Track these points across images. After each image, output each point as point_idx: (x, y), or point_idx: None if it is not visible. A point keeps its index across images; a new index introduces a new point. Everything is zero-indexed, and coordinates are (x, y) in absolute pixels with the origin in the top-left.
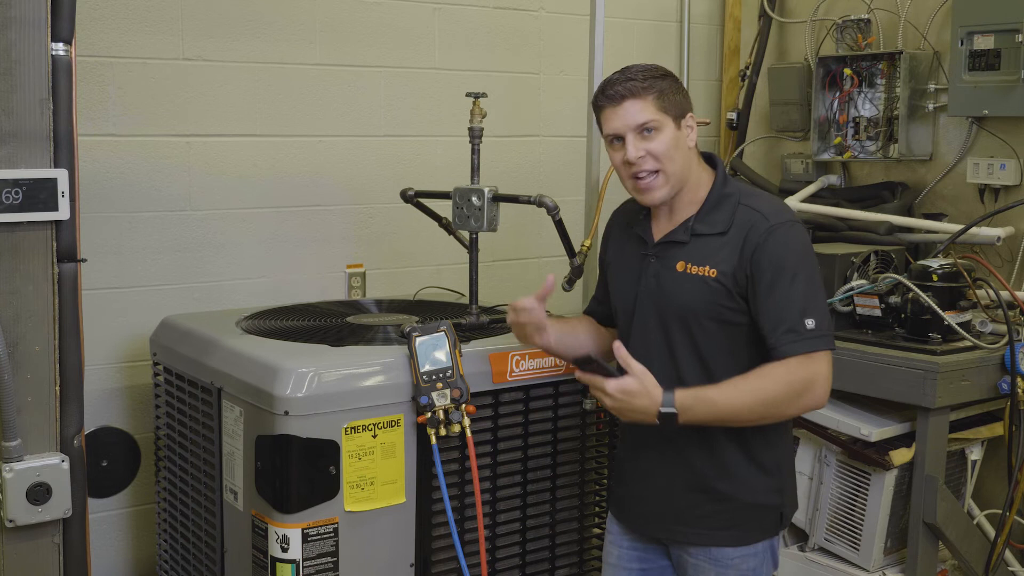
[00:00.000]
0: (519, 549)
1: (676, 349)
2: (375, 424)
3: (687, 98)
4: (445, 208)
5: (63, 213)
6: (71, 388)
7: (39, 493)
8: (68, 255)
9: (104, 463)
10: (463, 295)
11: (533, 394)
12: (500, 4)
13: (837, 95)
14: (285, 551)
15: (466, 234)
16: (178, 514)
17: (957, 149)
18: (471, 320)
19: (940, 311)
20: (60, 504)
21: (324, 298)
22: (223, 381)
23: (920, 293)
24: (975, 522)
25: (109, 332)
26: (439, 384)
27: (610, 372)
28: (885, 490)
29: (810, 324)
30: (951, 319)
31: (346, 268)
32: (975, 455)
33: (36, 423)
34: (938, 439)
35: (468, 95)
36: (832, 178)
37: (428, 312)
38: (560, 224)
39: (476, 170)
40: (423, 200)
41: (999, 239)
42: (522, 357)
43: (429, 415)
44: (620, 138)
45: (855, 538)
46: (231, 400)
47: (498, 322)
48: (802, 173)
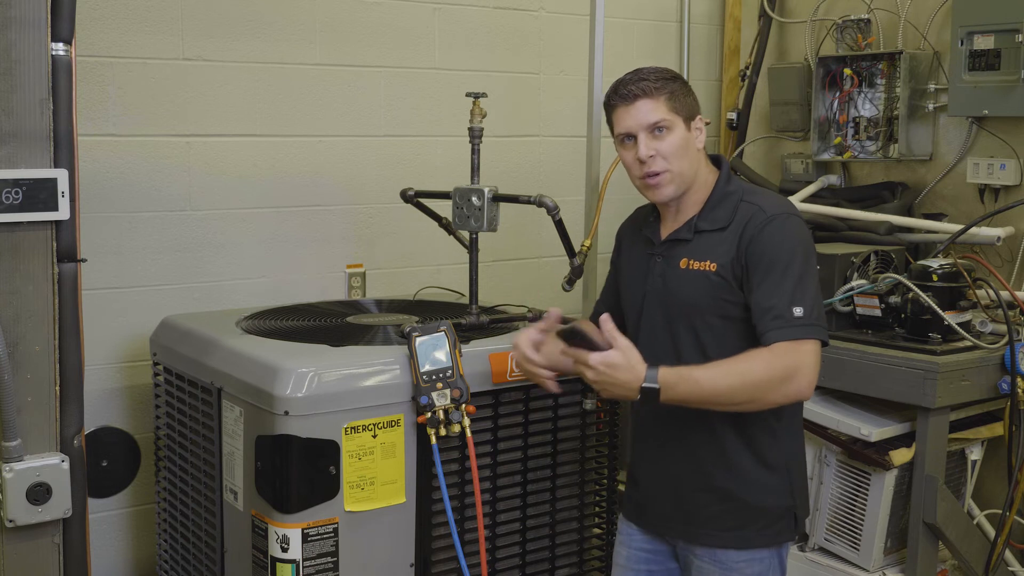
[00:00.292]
0: (519, 549)
1: (682, 350)
2: (375, 424)
3: (696, 101)
4: (445, 208)
5: (63, 213)
6: (71, 388)
7: (39, 493)
8: (68, 255)
9: (104, 463)
10: (463, 295)
11: (533, 394)
12: (500, 4)
13: (837, 95)
14: (285, 551)
15: (466, 234)
16: (178, 514)
17: (957, 149)
18: (471, 320)
19: (940, 311)
20: (60, 504)
21: (324, 298)
22: (223, 381)
23: (920, 293)
24: (975, 522)
25: (109, 332)
26: (439, 384)
27: (597, 346)
28: (885, 490)
29: (798, 312)
30: (951, 319)
31: (346, 268)
32: (975, 455)
33: (36, 423)
34: (938, 439)
35: (468, 95)
36: (832, 178)
37: (428, 312)
38: (560, 224)
39: (476, 170)
40: (423, 200)
41: (999, 239)
42: None
43: (429, 415)
44: (632, 137)
45: (855, 538)
46: (231, 400)
47: (498, 322)
48: (802, 173)
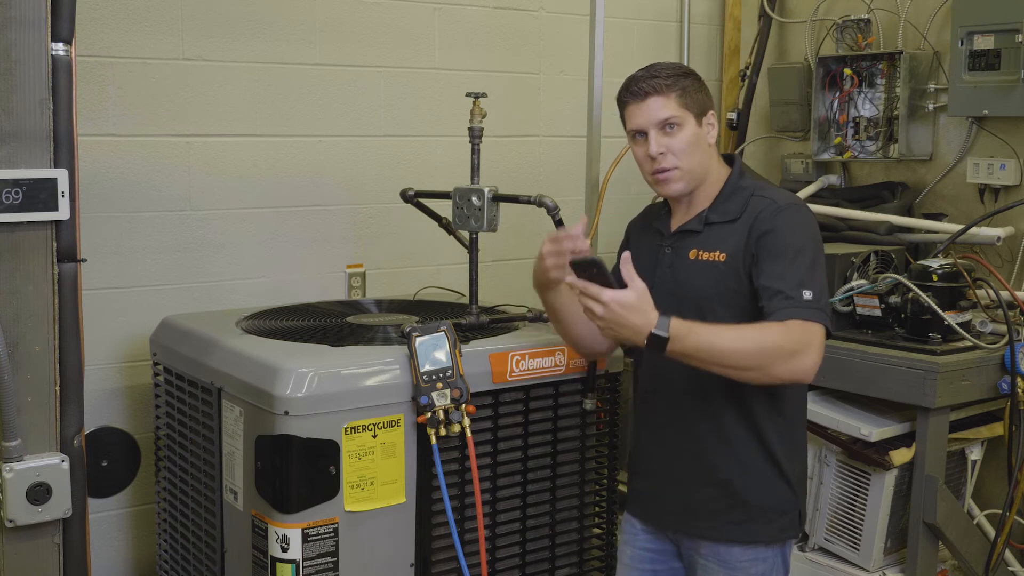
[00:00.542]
0: (519, 549)
1: None
2: (375, 424)
3: (708, 96)
4: (445, 208)
5: (63, 213)
6: (71, 388)
7: (39, 493)
8: (68, 255)
9: (104, 463)
10: (463, 295)
11: (533, 394)
12: (500, 4)
13: (837, 95)
14: (285, 551)
15: (466, 234)
16: (178, 514)
17: (957, 149)
18: (471, 320)
19: (940, 311)
20: (60, 504)
21: (324, 298)
22: (223, 381)
23: (920, 293)
24: (975, 522)
25: (109, 332)
26: (439, 384)
27: (611, 283)
28: (885, 490)
29: (808, 295)
30: (951, 319)
31: (346, 268)
32: (975, 455)
33: (36, 423)
34: (938, 439)
35: (468, 95)
36: (832, 178)
37: (428, 312)
38: (560, 224)
39: (476, 170)
40: (423, 200)
41: (999, 239)
42: (522, 357)
43: (429, 415)
44: (643, 133)
45: (855, 538)
46: (231, 400)
47: (498, 322)
48: (802, 173)
